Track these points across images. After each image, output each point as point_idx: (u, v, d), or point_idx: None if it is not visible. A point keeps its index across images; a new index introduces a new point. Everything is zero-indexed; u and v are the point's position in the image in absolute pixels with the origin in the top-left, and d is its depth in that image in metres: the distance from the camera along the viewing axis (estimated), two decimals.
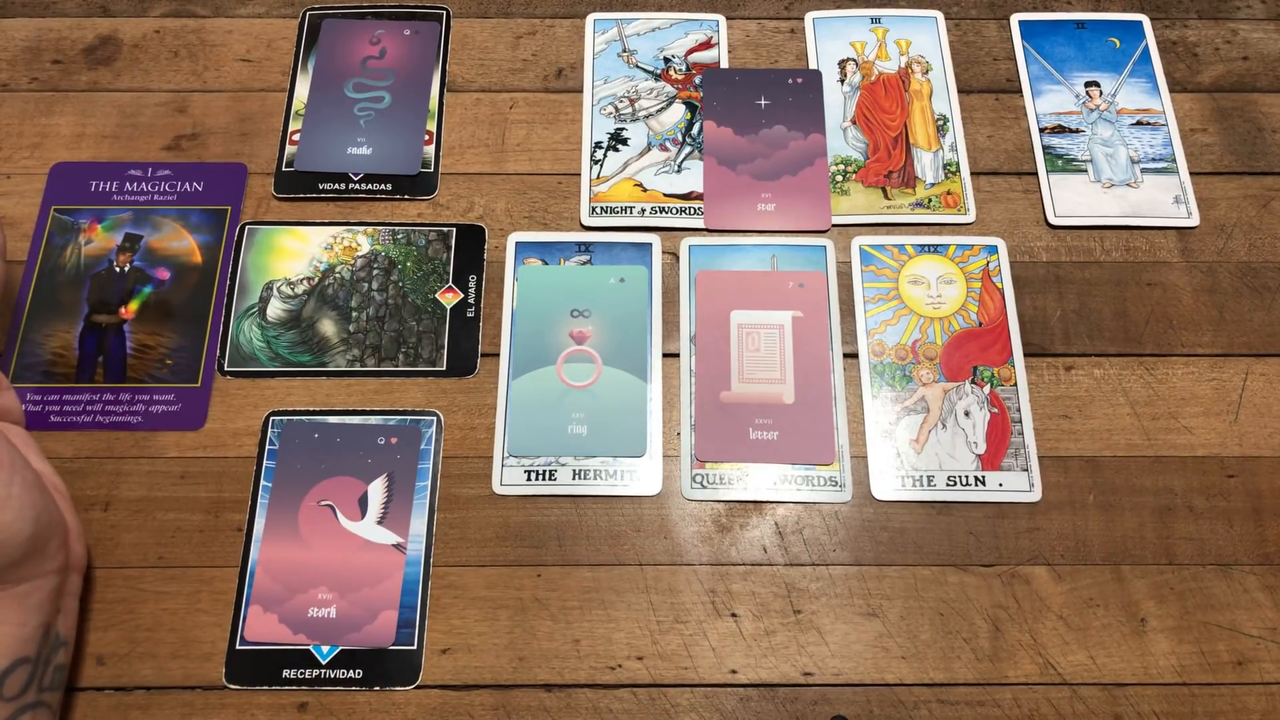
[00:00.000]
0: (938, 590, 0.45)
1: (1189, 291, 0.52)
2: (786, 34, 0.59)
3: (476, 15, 0.59)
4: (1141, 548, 0.46)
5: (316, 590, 0.45)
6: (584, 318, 0.51)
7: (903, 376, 0.50)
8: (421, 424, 0.48)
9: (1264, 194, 0.55)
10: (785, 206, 0.54)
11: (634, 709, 0.43)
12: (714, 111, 0.56)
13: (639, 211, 0.53)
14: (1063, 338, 0.51)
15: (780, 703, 0.43)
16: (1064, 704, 0.43)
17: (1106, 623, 0.45)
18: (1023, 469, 0.48)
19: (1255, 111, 0.57)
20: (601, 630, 0.45)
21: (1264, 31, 0.60)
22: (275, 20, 0.59)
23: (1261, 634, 0.45)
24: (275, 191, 0.54)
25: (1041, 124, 0.56)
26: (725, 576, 0.46)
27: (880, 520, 0.47)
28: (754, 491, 0.47)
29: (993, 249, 0.53)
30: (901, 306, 0.51)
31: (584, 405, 0.49)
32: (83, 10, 0.59)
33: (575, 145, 0.55)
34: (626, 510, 0.47)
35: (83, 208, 0.53)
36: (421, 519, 0.46)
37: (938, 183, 0.54)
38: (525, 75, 0.58)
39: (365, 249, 0.52)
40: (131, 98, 0.57)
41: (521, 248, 0.53)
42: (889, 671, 0.44)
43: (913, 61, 0.58)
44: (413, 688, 0.43)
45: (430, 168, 0.55)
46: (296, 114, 0.56)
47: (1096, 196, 0.54)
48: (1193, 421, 0.49)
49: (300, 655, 0.44)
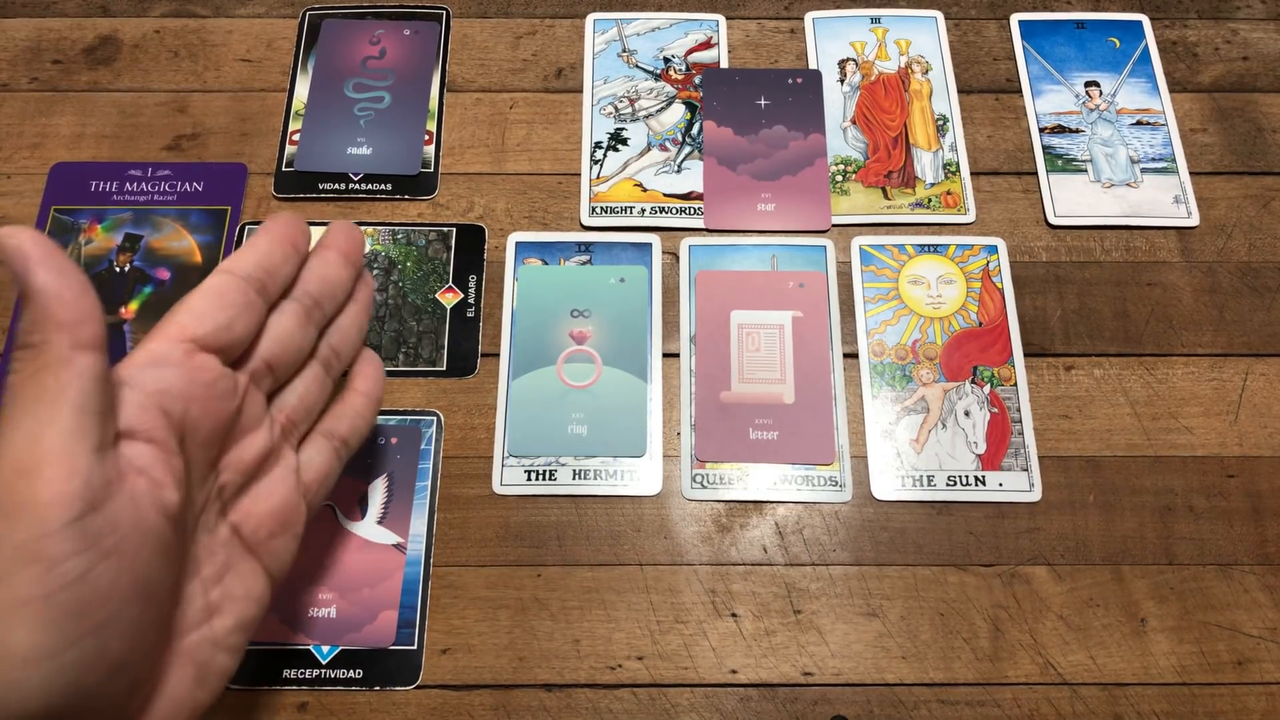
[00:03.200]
0: (938, 590, 0.45)
1: (1189, 291, 0.52)
2: (786, 34, 0.59)
3: (476, 15, 0.59)
4: (1141, 548, 0.46)
5: (316, 590, 0.45)
6: (584, 318, 0.51)
7: (903, 376, 0.50)
8: (421, 424, 0.48)
9: (1264, 194, 0.55)
10: (785, 206, 0.54)
11: (634, 709, 0.43)
12: (714, 111, 0.56)
13: (639, 211, 0.53)
14: (1063, 338, 0.51)
15: (780, 703, 0.43)
16: (1064, 704, 0.43)
17: (1106, 623, 0.45)
18: (1023, 469, 0.48)
19: (1255, 111, 0.57)
20: (601, 630, 0.45)
21: (1264, 31, 0.60)
22: (275, 20, 0.59)
23: (1261, 634, 0.45)
24: (275, 191, 0.54)
25: (1041, 124, 0.56)
26: (725, 576, 0.46)
27: (880, 520, 0.47)
28: (754, 491, 0.47)
29: (993, 249, 0.53)
30: (901, 306, 0.51)
31: (584, 405, 0.49)
32: (83, 10, 0.59)
33: (575, 145, 0.55)
34: (626, 510, 0.47)
35: (83, 208, 0.53)
36: (421, 519, 0.46)
37: (938, 183, 0.54)
38: (525, 75, 0.58)
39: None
40: (131, 98, 0.57)
41: (521, 248, 0.53)
42: (889, 671, 0.44)
43: (913, 61, 0.58)
44: (413, 688, 0.43)
45: (430, 168, 0.55)
46: (296, 114, 0.56)
47: (1096, 196, 0.54)
48: (1193, 421, 0.49)
49: (300, 655, 0.44)
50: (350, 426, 0.39)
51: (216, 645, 0.32)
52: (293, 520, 0.35)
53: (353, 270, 0.38)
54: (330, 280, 0.37)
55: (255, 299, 0.33)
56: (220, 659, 0.32)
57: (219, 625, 0.32)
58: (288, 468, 0.35)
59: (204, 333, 0.31)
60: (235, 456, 0.33)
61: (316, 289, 0.36)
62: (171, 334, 0.31)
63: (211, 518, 0.32)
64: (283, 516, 0.35)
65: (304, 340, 0.36)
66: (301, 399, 0.36)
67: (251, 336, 0.33)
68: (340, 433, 0.38)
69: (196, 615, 0.31)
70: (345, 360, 0.39)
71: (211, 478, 0.32)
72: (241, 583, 0.33)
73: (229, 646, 0.32)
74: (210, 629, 0.32)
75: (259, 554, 0.34)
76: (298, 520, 0.35)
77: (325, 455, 0.37)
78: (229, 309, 0.32)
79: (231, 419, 0.32)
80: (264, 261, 0.34)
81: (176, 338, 0.31)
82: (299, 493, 0.35)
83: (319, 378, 0.37)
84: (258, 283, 0.33)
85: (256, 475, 0.34)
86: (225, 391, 0.32)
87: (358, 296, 0.39)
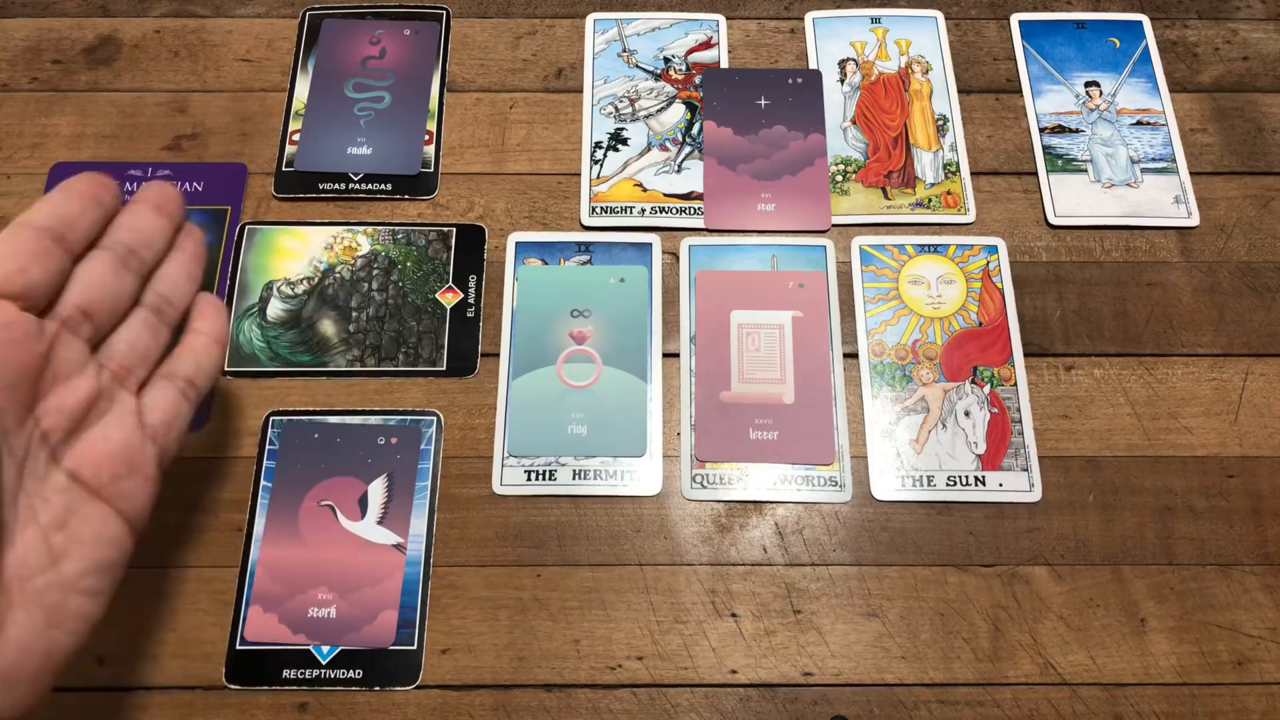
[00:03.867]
0: (938, 590, 0.45)
1: (1189, 291, 0.52)
2: (786, 34, 0.59)
3: (476, 15, 0.59)
4: (1141, 548, 0.46)
5: (316, 590, 0.45)
6: (584, 318, 0.51)
7: (903, 376, 0.50)
8: (421, 424, 0.48)
9: (1264, 194, 0.55)
10: (785, 206, 0.54)
11: (634, 709, 0.43)
12: (714, 111, 0.56)
13: (639, 211, 0.53)
14: (1063, 338, 0.51)
15: (780, 703, 0.43)
16: (1064, 704, 0.43)
17: (1106, 623, 0.45)
18: (1023, 469, 0.48)
19: (1255, 111, 0.57)
20: (601, 630, 0.45)
21: (1264, 31, 0.60)
22: (275, 20, 0.59)
23: (1261, 634, 0.45)
24: (275, 191, 0.54)
25: (1041, 124, 0.56)
26: (725, 576, 0.46)
27: (880, 520, 0.47)
28: (754, 491, 0.47)
29: (993, 249, 0.53)
30: (901, 306, 0.51)
31: (584, 405, 0.49)
32: (83, 10, 0.59)
33: (575, 145, 0.55)
34: (626, 510, 0.47)
35: None
36: (421, 519, 0.46)
37: (938, 183, 0.54)
38: (525, 75, 0.58)
39: (365, 249, 0.52)
40: (131, 98, 0.57)
41: (521, 248, 0.53)
42: (889, 671, 0.44)
43: (913, 61, 0.58)
44: (413, 688, 0.43)
45: (430, 168, 0.55)
46: (296, 114, 0.56)
47: (1096, 196, 0.54)
48: (1193, 421, 0.49)
49: (300, 655, 0.44)
50: (195, 366, 0.39)
51: (68, 588, 0.33)
52: (138, 462, 0.36)
53: (168, 221, 0.39)
54: (142, 230, 0.38)
55: (52, 246, 0.34)
56: (75, 601, 0.33)
57: (68, 569, 0.33)
58: (125, 410, 0.36)
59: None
60: (55, 401, 0.34)
61: (128, 237, 0.37)
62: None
63: (40, 464, 0.33)
64: (125, 458, 0.35)
65: (121, 286, 0.37)
66: (131, 345, 0.37)
67: (51, 283, 0.34)
68: (183, 373, 0.39)
69: (39, 560, 0.32)
70: (179, 307, 0.40)
71: (30, 423, 0.33)
72: (89, 527, 0.34)
73: (84, 589, 0.33)
74: (57, 573, 0.32)
75: (105, 497, 0.35)
76: (145, 462, 0.36)
77: (170, 397, 0.38)
78: (19, 257, 0.33)
79: (39, 364, 0.33)
80: (59, 212, 0.35)
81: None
82: (142, 435, 0.36)
83: (149, 323, 0.38)
84: (54, 232, 0.34)
85: (87, 420, 0.35)
86: (24, 336, 0.32)
87: (182, 244, 0.40)
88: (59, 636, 0.32)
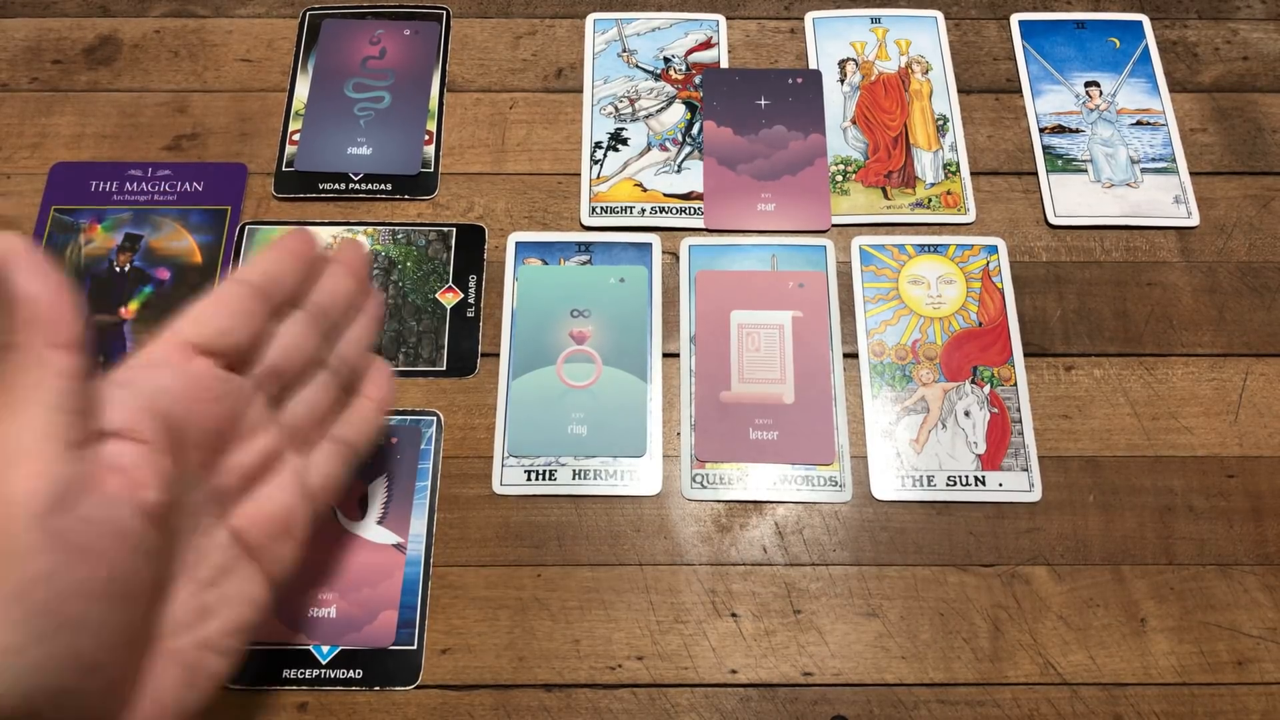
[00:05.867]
0: (938, 590, 0.45)
1: (1189, 291, 0.52)
2: (786, 34, 0.59)
3: (476, 15, 0.59)
4: (1141, 548, 0.46)
5: (316, 590, 0.45)
6: (584, 318, 0.51)
7: (903, 376, 0.50)
8: (421, 424, 0.48)
9: (1264, 194, 0.55)
10: (785, 206, 0.54)
11: (634, 709, 0.43)
12: (714, 111, 0.56)
13: (639, 211, 0.53)
14: (1063, 338, 0.51)
15: (780, 703, 0.43)
16: (1064, 704, 0.43)
17: (1106, 623, 0.45)
18: (1023, 469, 0.48)
19: (1255, 111, 0.57)
20: (601, 630, 0.45)
21: (1264, 31, 0.60)
22: (275, 20, 0.59)
23: (1261, 634, 0.45)
24: (275, 191, 0.54)
25: (1041, 124, 0.56)
26: (725, 576, 0.46)
27: (880, 520, 0.47)
28: (754, 491, 0.47)
29: (993, 249, 0.53)
30: (901, 306, 0.51)
31: (584, 405, 0.49)
32: (83, 10, 0.59)
33: (575, 145, 0.55)
34: (626, 510, 0.47)
35: (83, 208, 0.53)
36: (421, 519, 0.46)
37: (938, 183, 0.54)
38: (525, 75, 0.58)
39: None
40: (131, 98, 0.57)
41: (521, 248, 0.53)
42: (889, 671, 0.44)
43: (913, 61, 0.58)
44: (413, 688, 0.43)
45: (430, 168, 0.55)
46: (296, 114, 0.56)
47: (1096, 196, 0.54)
48: (1193, 421, 0.49)
49: (300, 655, 0.44)
50: (358, 432, 0.39)
51: (208, 648, 0.32)
52: (294, 525, 0.35)
53: (359, 284, 0.40)
54: (337, 292, 0.38)
55: (257, 307, 0.34)
56: (212, 661, 0.32)
57: (212, 628, 0.32)
58: (292, 473, 0.35)
59: (202, 337, 0.32)
60: (235, 460, 0.33)
61: (324, 300, 0.38)
62: (170, 338, 0.32)
63: (208, 520, 0.32)
64: (285, 521, 0.35)
65: (311, 349, 0.37)
66: (310, 407, 0.37)
67: (252, 343, 0.34)
68: (348, 438, 0.39)
69: (188, 617, 0.31)
70: (354, 370, 0.40)
71: (208, 480, 0.32)
72: (239, 586, 0.33)
73: (222, 649, 0.32)
74: (203, 631, 0.31)
75: (259, 558, 0.34)
76: (299, 525, 0.35)
77: (332, 461, 0.38)
78: (229, 316, 0.33)
79: (229, 422, 0.33)
80: (270, 270, 0.35)
81: (174, 341, 0.32)
82: (302, 498, 0.36)
83: (328, 386, 0.38)
84: (261, 291, 0.34)
85: (258, 479, 0.34)
86: (222, 395, 0.32)
87: (365, 309, 0.40)
88: (191, 697, 0.31)
